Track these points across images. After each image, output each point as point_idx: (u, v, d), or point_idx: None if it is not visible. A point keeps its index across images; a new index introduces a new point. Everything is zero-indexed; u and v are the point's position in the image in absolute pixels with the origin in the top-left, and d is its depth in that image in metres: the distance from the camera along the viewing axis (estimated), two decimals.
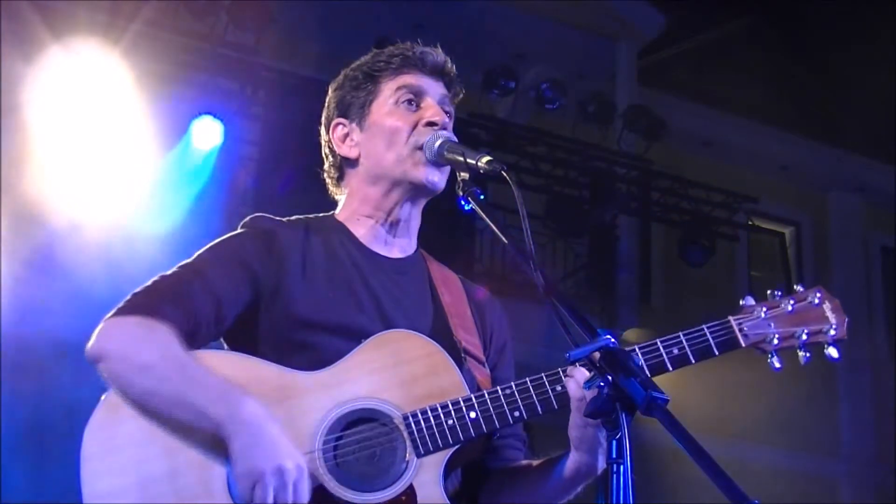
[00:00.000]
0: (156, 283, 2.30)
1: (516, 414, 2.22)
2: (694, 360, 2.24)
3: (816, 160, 13.61)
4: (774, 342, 2.26)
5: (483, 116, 10.09)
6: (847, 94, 13.87)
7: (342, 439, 2.18)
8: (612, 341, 1.82)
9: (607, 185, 10.71)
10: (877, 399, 12.93)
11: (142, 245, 7.48)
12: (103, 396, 2.22)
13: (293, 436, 2.13)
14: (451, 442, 2.20)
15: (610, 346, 1.81)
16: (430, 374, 2.27)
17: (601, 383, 1.79)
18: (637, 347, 2.24)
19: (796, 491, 11.45)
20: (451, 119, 2.51)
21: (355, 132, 2.51)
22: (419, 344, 2.30)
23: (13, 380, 7.36)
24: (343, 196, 2.57)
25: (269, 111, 9.27)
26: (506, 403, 2.22)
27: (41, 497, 7.00)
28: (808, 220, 14.01)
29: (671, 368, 2.23)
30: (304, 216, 2.54)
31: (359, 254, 2.46)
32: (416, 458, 2.18)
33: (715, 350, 2.25)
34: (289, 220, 2.50)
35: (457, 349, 2.38)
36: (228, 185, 8.95)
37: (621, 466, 1.72)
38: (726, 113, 12.94)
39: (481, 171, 2.22)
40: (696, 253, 10.88)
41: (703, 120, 12.77)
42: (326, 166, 2.61)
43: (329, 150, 2.58)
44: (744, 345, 2.27)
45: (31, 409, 7.41)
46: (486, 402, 2.22)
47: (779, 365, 2.25)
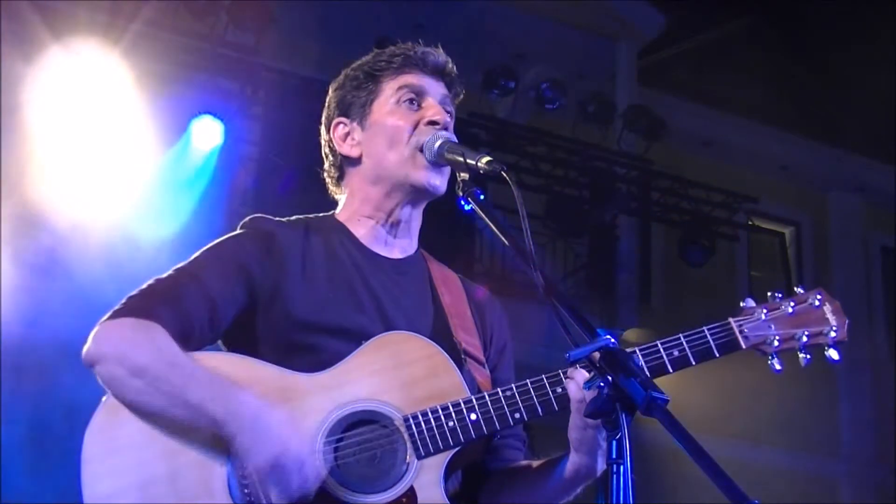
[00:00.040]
0: (151, 286, 2.30)
1: (517, 416, 2.22)
2: (694, 362, 2.24)
3: (816, 160, 13.61)
4: (775, 344, 2.26)
5: (483, 116, 10.09)
6: (847, 94, 13.85)
7: (343, 441, 2.18)
8: (612, 341, 1.82)
9: (607, 185, 10.70)
10: (877, 399, 12.93)
11: (144, 245, 7.48)
12: (104, 398, 2.22)
13: None
14: (451, 444, 2.20)
15: (610, 346, 1.81)
16: (431, 375, 2.27)
17: (601, 383, 1.79)
18: (637, 349, 2.24)
19: (796, 491, 11.44)
20: (451, 119, 2.51)
21: (356, 131, 2.51)
22: (419, 345, 2.30)
23: (14, 381, 7.36)
24: (343, 196, 2.57)
25: (269, 111, 9.26)
26: (506, 405, 2.22)
27: (41, 498, 6.99)
28: (808, 220, 14.00)
29: (672, 370, 2.23)
30: (303, 216, 2.54)
31: (359, 254, 2.46)
32: (416, 460, 2.18)
33: (715, 352, 2.25)
34: (288, 220, 2.50)
35: (457, 350, 2.38)
36: (229, 185, 8.94)
37: (621, 466, 1.72)
38: (726, 113, 12.93)
39: (481, 172, 2.22)
40: (696, 253, 10.87)
41: (703, 120, 12.76)
42: (326, 166, 2.60)
43: (329, 149, 2.57)
44: (744, 346, 2.26)
45: (31, 411, 7.41)
46: (486, 403, 2.22)
47: (779, 367, 2.25)
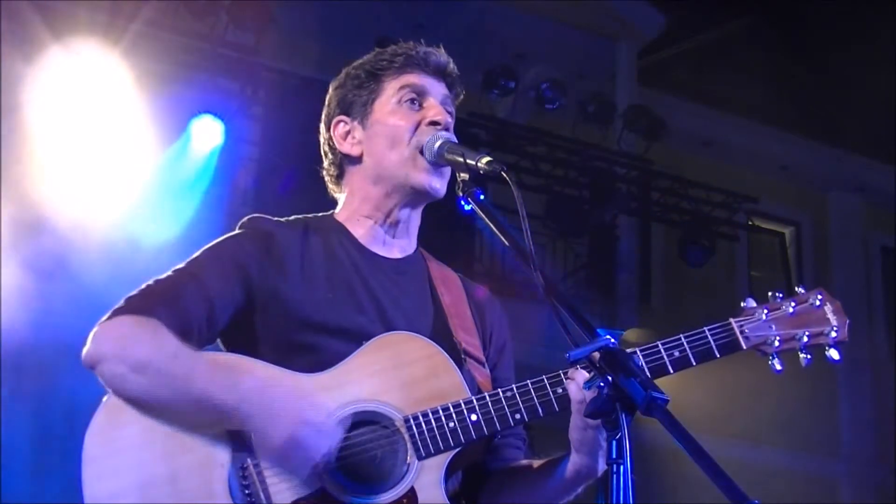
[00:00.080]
0: (149, 286, 2.30)
1: (517, 416, 2.22)
2: (695, 363, 2.24)
3: (816, 160, 13.61)
4: (776, 344, 2.26)
5: (483, 116, 10.09)
6: (847, 94, 13.85)
7: (343, 442, 2.18)
8: (612, 341, 1.81)
9: (607, 185, 10.70)
10: (877, 399, 12.93)
11: (145, 245, 7.48)
12: (104, 399, 2.22)
13: None
14: (452, 444, 2.20)
15: (610, 346, 1.80)
16: (431, 375, 2.26)
17: (601, 383, 1.78)
18: (638, 350, 2.24)
19: (796, 491, 11.44)
20: (452, 120, 2.50)
21: (357, 130, 2.50)
22: (419, 346, 2.30)
23: (15, 382, 7.36)
24: (342, 195, 2.57)
25: (269, 111, 9.26)
26: (507, 406, 2.22)
27: (42, 499, 7.00)
28: (808, 220, 14.00)
29: (672, 371, 2.23)
30: (302, 216, 2.54)
31: (358, 254, 2.45)
32: (417, 461, 2.18)
33: (716, 352, 2.25)
34: (287, 220, 2.49)
35: (457, 350, 2.38)
36: (229, 185, 8.94)
37: (621, 466, 1.72)
38: (726, 113, 12.93)
39: (481, 172, 2.21)
40: (696, 253, 10.87)
41: (703, 120, 12.76)
42: (325, 164, 2.59)
43: (329, 147, 2.57)
44: (745, 347, 2.26)
45: (32, 411, 7.41)
46: (486, 404, 2.22)
47: (780, 367, 2.25)
